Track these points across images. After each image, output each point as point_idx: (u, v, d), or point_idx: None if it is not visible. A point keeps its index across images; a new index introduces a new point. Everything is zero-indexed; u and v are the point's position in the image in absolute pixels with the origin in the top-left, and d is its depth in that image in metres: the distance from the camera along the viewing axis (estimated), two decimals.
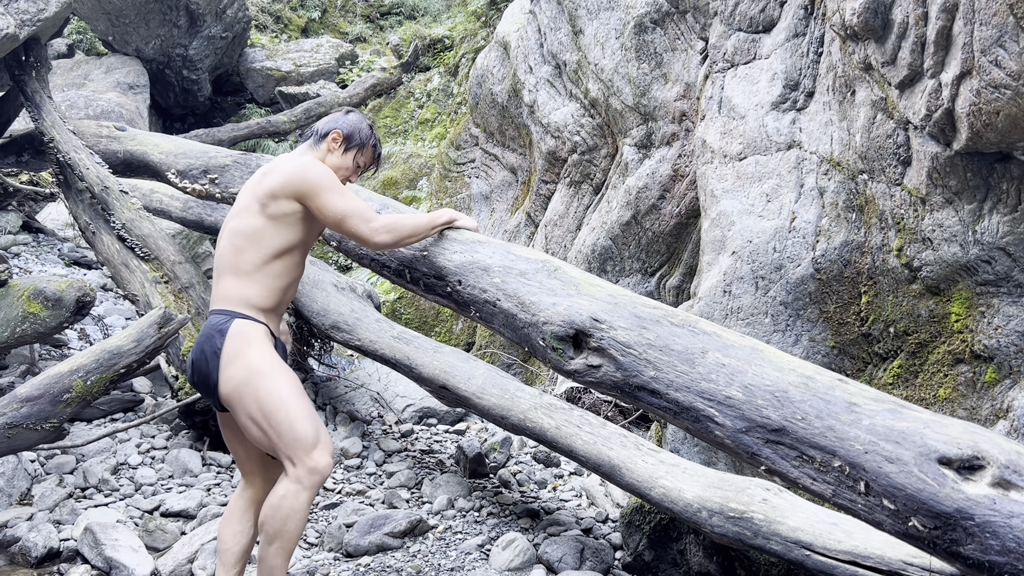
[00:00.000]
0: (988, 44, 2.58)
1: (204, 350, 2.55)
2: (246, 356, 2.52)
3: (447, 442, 4.73)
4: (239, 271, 2.61)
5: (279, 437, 2.48)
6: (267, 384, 2.50)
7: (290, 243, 2.65)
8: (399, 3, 12.07)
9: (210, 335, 2.56)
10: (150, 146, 4.66)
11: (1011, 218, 2.88)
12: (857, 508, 1.80)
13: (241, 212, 2.66)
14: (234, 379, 2.50)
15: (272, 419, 2.48)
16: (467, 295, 2.70)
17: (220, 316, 2.59)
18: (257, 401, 2.49)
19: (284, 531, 2.46)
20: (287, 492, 2.47)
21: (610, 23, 4.98)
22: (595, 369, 2.29)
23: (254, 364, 2.52)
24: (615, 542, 3.50)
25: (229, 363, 2.51)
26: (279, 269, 2.64)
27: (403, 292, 6.47)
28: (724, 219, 3.78)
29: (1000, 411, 2.94)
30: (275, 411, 2.48)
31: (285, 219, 2.62)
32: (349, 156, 2.82)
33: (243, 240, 2.62)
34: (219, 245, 2.71)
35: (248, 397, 2.49)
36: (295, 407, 2.51)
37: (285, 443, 2.47)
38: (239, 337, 2.54)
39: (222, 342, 2.53)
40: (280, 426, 2.47)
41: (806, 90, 3.72)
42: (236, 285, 2.61)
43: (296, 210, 2.62)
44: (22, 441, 3.37)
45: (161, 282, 4.64)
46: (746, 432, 1.97)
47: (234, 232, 2.65)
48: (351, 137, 2.82)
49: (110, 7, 9.58)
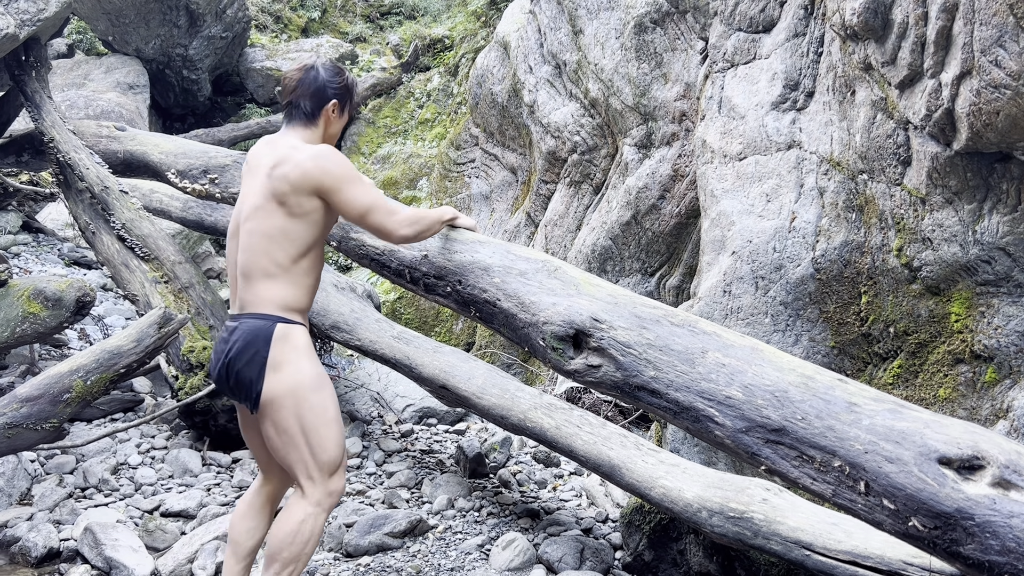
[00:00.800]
0: (988, 44, 2.58)
1: (248, 356, 2.42)
2: (296, 364, 2.43)
3: (447, 442, 4.73)
4: (268, 273, 2.48)
5: (311, 455, 2.42)
6: (314, 400, 2.42)
7: (315, 238, 2.54)
8: (399, 3, 12.07)
9: (253, 339, 2.42)
10: (150, 146, 4.66)
11: (1011, 218, 2.88)
12: (857, 508, 1.80)
13: (257, 212, 2.51)
14: (279, 387, 2.40)
15: (311, 436, 2.41)
16: (467, 295, 2.70)
17: (260, 321, 2.45)
18: (299, 414, 2.41)
19: (303, 555, 2.42)
20: (306, 516, 2.41)
21: (610, 23, 4.98)
22: (595, 369, 2.29)
23: (305, 375, 2.43)
24: (615, 542, 3.50)
25: (275, 368, 2.40)
26: (308, 266, 2.53)
27: (403, 292, 6.47)
28: (724, 219, 3.78)
29: (1000, 411, 2.94)
30: (316, 429, 2.42)
31: (308, 216, 2.50)
32: (345, 114, 2.71)
33: (267, 241, 2.48)
34: (239, 247, 2.56)
35: (289, 408, 2.41)
36: (336, 430, 2.46)
37: (314, 463, 2.42)
38: (286, 343, 2.43)
39: (268, 349, 2.41)
40: (317, 446, 2.42)
41: (806, 90, 3.72)
42: (270, 287, 2.48)
43: (317, 207, 2.50)
44: (22, 441, 3.37)
45: (161, 282, 4.64)
46: (746, 432, 1.97)
47: (253, 233, 2.50)
48: (343, 97, 2.67)
49: (110, 7, 9.58)
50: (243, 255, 2.52)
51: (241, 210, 2.59)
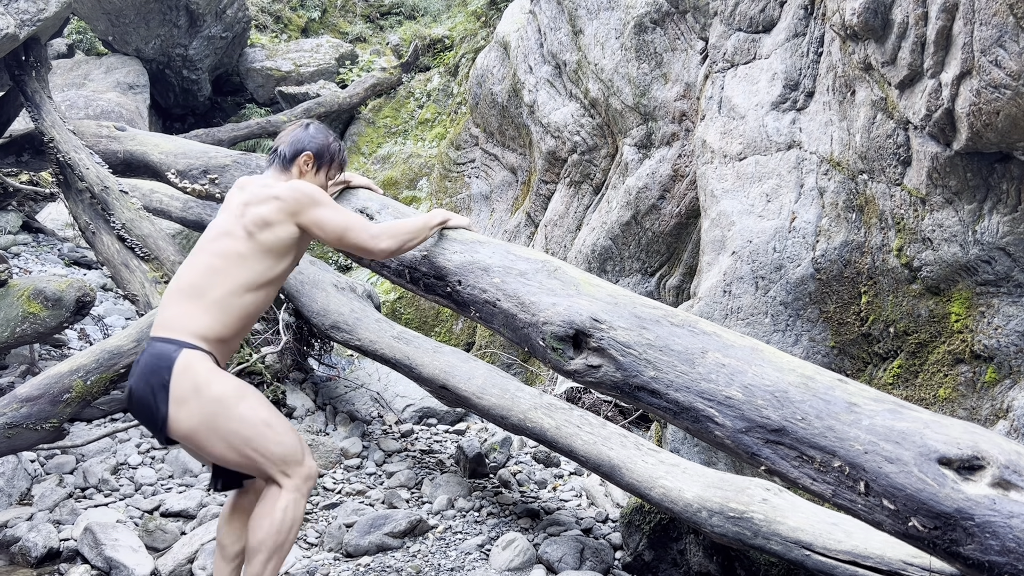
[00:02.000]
0: (988, 44, 2.58)
1: (150, 382, 2.38)
2: (203, 393, 2.37)
3: (447, 442, 4.73)
4: (203, 296, 2.45)
5: (267, 458, 2.42)
6: (238, 413, 2.40)
7: (274, 275, 2.54)
8: (399, 3, 12.07)
9: (155, 367, 2.38)
10: (150, 146, 4.66)
11: (1011, 218, 2.88)
12: (857, 508, 1.80)
13: (223, 237, 2.51)
14: (192, 419, 2.37)
15: (255, 444, 2.40)
16: (467, 295, 2.70)
17: (166, 345, 2.41)
18: (231, 433, 2.39)
19: (287, 542, 2.45)
20: (288, 503, 2.43)
21: (610, 23, 4.98)
22: (595, 369, 2.29)
23: (217, 398, 2.38)
24: (615, 542, 3.50)
25: (182, 403, 2.36)
26: (251, 302, 2.51)
27: (403, 292, 6.47)
28: (724, 219, 3.78)
29: (1000, 411, 2.94)
30: (256, 436, 2.40)
31: (276, 247, 2.52)
32: (321, 174, 2.75)
33: (223, 263, 2.47)
34: (188, 264, 2.54)
35: (217, 434, 2.38)
36: (275, 424, 2.45)
37: (275, 462, 2.42)
38: (189, 373, 2.37)
39: (169, 376, 2.36)
40: (266, 448, 2.41)
41: (806, 90, 3.72)
42: (193, 312, 2.44)
43: (291, 234, 2.53)
44: (22, 441, 3.37)
45: (161, 282, 4.64)
46: (746, 432, 1.97)
47: (214, 254, 2.49)
48: (321, 155, 2.73)
49: (110, 7, 9.58)
50: (191, 273, 2.50)
51: (206, 236, 2.59)
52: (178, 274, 2.57)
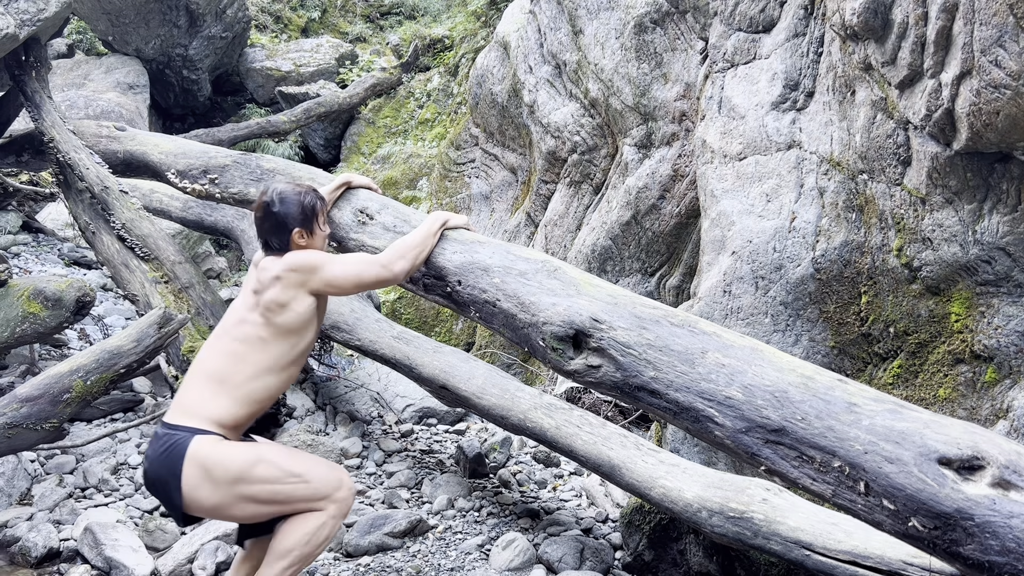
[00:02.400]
0: (988, 44, 2.58)
1: (163, 472, 2.39)
2: (216, 475, 2.37)
3: (447, 442, 4.73)
4: (225, 382, 2.46)
5: (298, 503, 2.44)
6: (257, 477, 2.40)
7: (297, 353, 2.56)
8: (399, 3, 12.07)
9: (166, 457, 2.39)
10: (150, 146, 4.65)
11: (1011, 218, 2.88)
12: (857, 508, 1.80)
13: (242, 324, 2.53)
14: (212, 499, 2.38)
15: (282, 496, 2.43)
16: (467, 295, 2.70)
17: (177, 434, 2.41)
18: (255, 497, 2.40)
19: (312, 555, 2.48)
20: (324, 521, 2.46)
21: (610, 23, 4.98)
22: (595, 369, 2.29)
23: (231, 477, 2.38)
24: (615, 542, 3.50)
25: (196, 489, 2.37)
26: (274, 384, 2.53)
27: (403, 292, 6.47)
28: (724, 219, 3.78)
29: (1000, 411, 2.94)
30: (282, 490, 2.42)
31: (296, 324, 2.52)
32: (317, 232, 2.71)
33: (245, 348, 2.49)
34: (211, 348, 2.55)
35: (240, 503, 2.40)
36: (299, 472, 2.46)
37: (308, 502, 2.45)
38: (198, 461, 2.37)
39: (181, 466, 2.36)
40: (294, 496, 2.44)
41: (806, 90, 3.72)
42: (213, 397, 2.45)
43: (308, 305, 2.54)
44: (22, 441, 3.37)
45: (161, 282, 4.64)
46: (746, 432, 1.97)
47: (236, 339, 2.51)
48: (307, 220, 2.66)
49: (110, 7, 9.58)
50: (214, 359, 2.52)
51: (227, 319, 2.61)
52: (200, 357, 2.57)
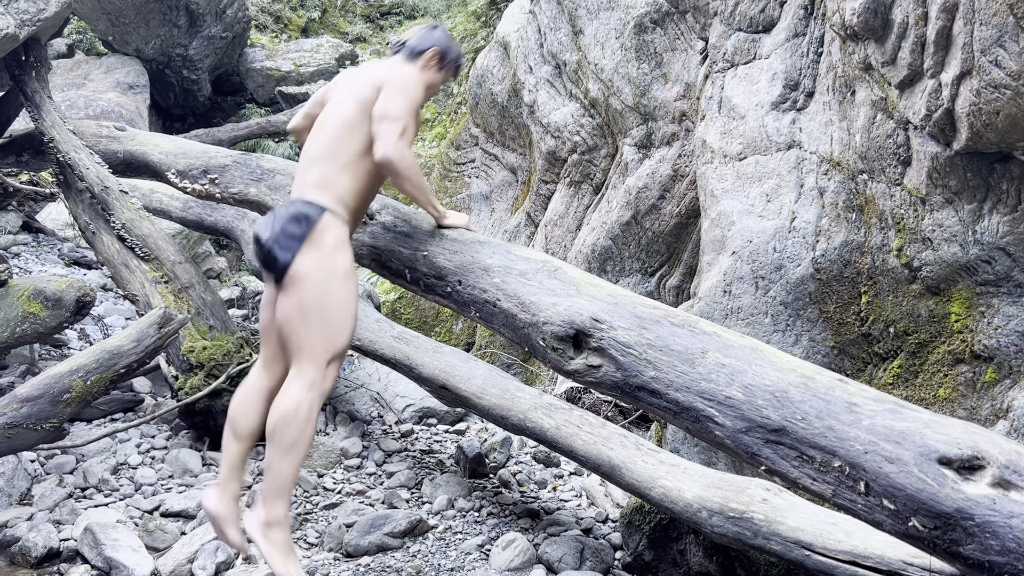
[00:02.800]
0: (988, 44, 2.58)
1: (286, 231, 2.58)
2: (331, 251, 2.59)
3: (447, 442, 4.73)
4: (337, 159, 2.69)
5: (320, 335, 2.55)
6: (339, 287, 2.59)
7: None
8: (399, 3, 12.07)
9: (296, 218, 2.59)
10: (150, 146, 4.65)
11: (1011, 218, 2.88)
12: (857, 508, 1.80)
13: (339, 110, 2.76)
14: (309, 265, 2.56)
15: (326, 318, 2.56)
16: (467, 295, 2.70)
17: (310, 206, 2.63)
18: (322, 295, 2.56)
19: (302, 438, 2.53)
20: (302, 399, 2.53)
21: (610, 23, 4.98)
22: (595, 369, 2.29)
23: (336, 263, 2.60)
24: (615, 542, 3.50)
25: (311, 250, 2.57)
26: (371, 167, 2.72)
27: (403, 292, 6.46)
28: (724, 219, 3.78)
29: (1000, 411, 2.94)
30: (333, 314, 2.57)
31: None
32: (442, 74, 2.98)
33: (345, 129, 2.72)
34: (313, 140, 2.79)
35: (315, 287, 2.56)
36: (350, 324, 2.63)
37: (320, 343, 2.55)
38: (326, 231, 2.60)
39: (308, 229, 2.58)
40: (329, 329, 2.56)
41: (806, 90, 3.72)
42: (332, 173, 2.68)
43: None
44: (22, 441, 3.37)
45: (161, 282, 4.64)
46: (746, 432, 1.97)
47: (335, 126, 2.74)
48: (445, 55, 2.96)
49: (110, 7, 9.58)
50: (318, 144, 2.77)
51: (329, 112, 2.83)
52: (305, 150, 2.82)
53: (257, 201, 3.62)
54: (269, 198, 3.56)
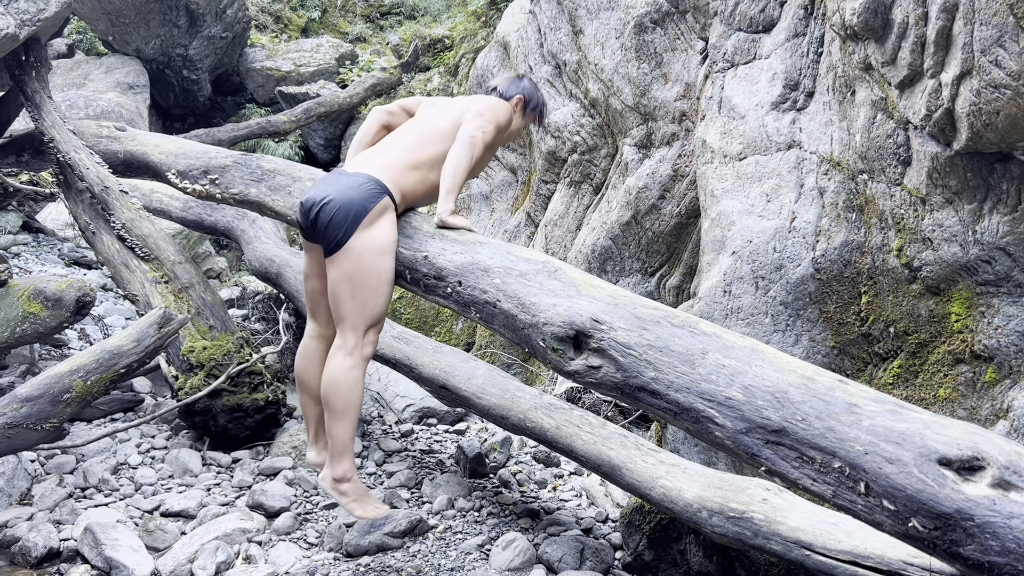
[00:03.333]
0: (988, 44, 2.58)
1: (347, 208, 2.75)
2: (382, 229, 2.79)
3: (447, 442, 4.73)
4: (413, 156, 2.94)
5: (360, 305, 2.78)
6: (383, 264, 2.79)
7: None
8: (399, 3, 12.06)
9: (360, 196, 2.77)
10: (150, 146, 4.65)
11: (1011, 218, 2.88)
12: (857, 509, 1.80)
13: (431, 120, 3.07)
14: (363, 242, 2.75)
15: (368, 290, 2.78)
16: (467, 296, 2.70)
17: (374, 184, 2.82)
18: (366, 270, 2.76)
19: (352, 403, 2.84)
20: (346, 366, 2.81)
21: (610, 23, 4.98)
22: (595, 370, 2.29)
23: (385, 241, 2.80)
24: (615, 542, 3.50)
25: (365, 227, 2.76)
26: (435, 180, 2.96)
27: (403, 292, 6.46)
28: (724, 219, 3.78)
29: (1000, 411, 2.94)
30: (372, 287, 2.78)
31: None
32: (524, 120, 3.29)
33: (431, 136, 2.99)
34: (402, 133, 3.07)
35: (362, 261, 2.76)
36: (387, 294, 2.85)
37: (360, 312, 2.79)
38: (383, 212, 2.80)
39: (370, 208, 2.77)
40: (369, 300, 2.79)
41: (806, 90, 3.72)
42: (403, 167, 2.91)
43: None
44: (22, 441, 3.37)
45: (161, 282, 4.64)
46: (746, 433, 1.97)
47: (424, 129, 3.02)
48: (529, 101, 3.27)
49: (110, 7, 9.57)
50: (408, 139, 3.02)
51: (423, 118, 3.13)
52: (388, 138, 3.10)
53: (257, 202, 3.62)
54: (269, 198, 3.56)
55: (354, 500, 2.95)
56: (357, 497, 2.96)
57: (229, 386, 4.28)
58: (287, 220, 3.48)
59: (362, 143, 3.23)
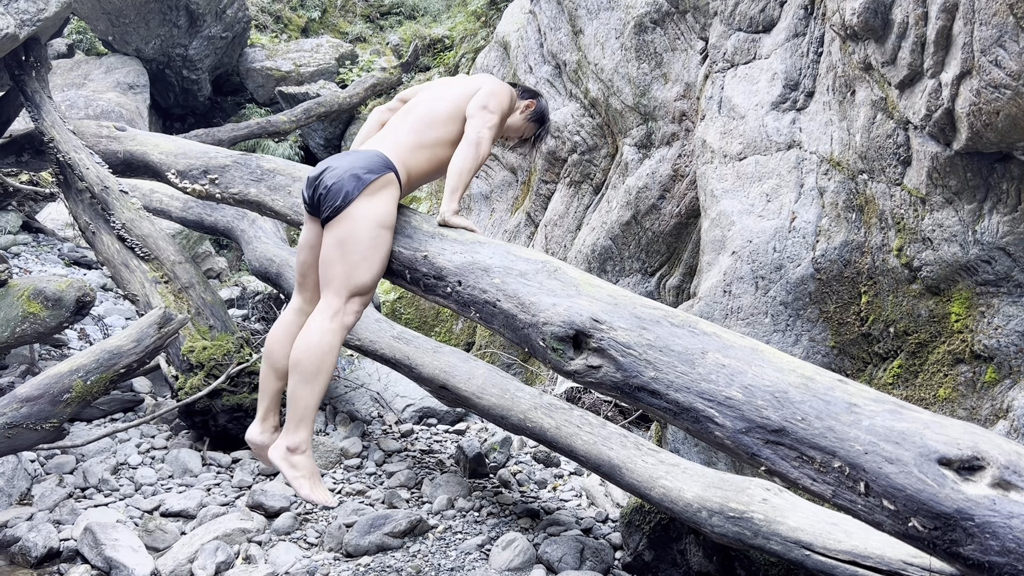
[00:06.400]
0: (988, 44, 2.58)
1: (353, 179, 2.78)
2: (383, 202, 2.81)
3: (447, 442, 4.73)
4: (419, 137, 2.98)
5: (350, 271, 2.75)
6: (379, 233, 2.79)
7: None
8: (399, 3, 12.07)
9: (367, 168, 2.81)
10: (150, 146, 4.65)
11: (1011, 218, 2.88)
12: (857, 509, 1.80)
13: (434, 101, 3.08)
14: (362, 209, 2.76)
15: (359, 254, 2.75)
16: (467, 296, 2.70)
17: (382, 159, 2.86)
18: (360, 236, 2.76)
19: (322, 368, 2.70)
20: (325, 328, 2.71)
21: (610, 23, 4.98)
22: (595, 370, 2.29)
23: (384, 213, 2.81)
24: (615, 542, 3.50)
25: (368, 196, 2.78)
26: (444, 156, 3.01)
27: (403, 292, 6.46)
28: (724, 219, 3.78)
29: (1000, 411, 2.94)
30: (364, 251, 2.76)
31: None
32: (528, 126, 3.33)
33: (437, 116, 3.02)
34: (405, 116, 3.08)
35: (358, 225, 2.75)
36: (380, 266, 2.83)
37: (348, 279, 2.75)
38: (385, 187, 2.82)
39: (373, 179, 2.79)
40: (359, 267, 2.76)
41: (806, 90, 3.72)
42: (410, 146, 2.96)
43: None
44: (22, 441, 3.37)
45: (161, 282, 4.64)
46: (746, 433, 1.97)
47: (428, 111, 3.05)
48: (538, 113, 3.34)
49: (110, 7, 9.58)
50: (412, 121, 3.04)
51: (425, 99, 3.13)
52: (393, 120, 3.13)
53: (257, 201, 3.62)
54: (269, 198, 3.56)
55: (303, 476, 2.70)
56: (308, 474, 2.71)
57: (229, 386, 4.28)
58: (287, 220, 3.48)
59: (363, 143, 3.23)
